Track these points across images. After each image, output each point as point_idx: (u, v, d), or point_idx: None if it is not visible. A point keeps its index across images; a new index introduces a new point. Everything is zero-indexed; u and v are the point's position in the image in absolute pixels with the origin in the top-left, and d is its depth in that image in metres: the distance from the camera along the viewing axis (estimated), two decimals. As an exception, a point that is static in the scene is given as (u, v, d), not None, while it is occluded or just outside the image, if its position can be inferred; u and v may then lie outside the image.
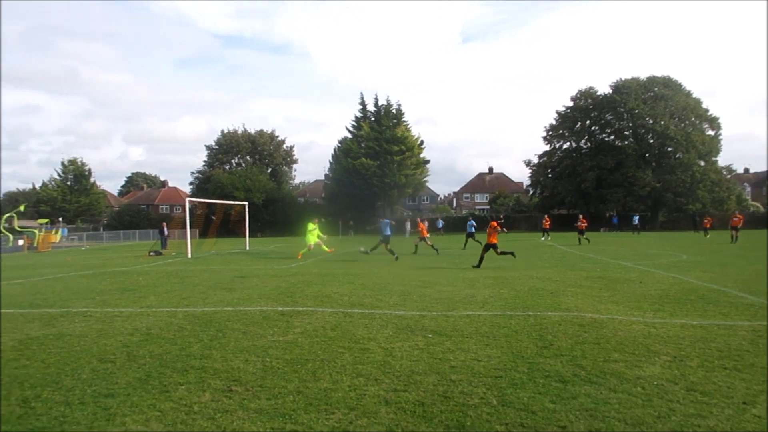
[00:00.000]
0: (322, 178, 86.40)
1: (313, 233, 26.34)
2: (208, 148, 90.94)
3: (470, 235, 31.42)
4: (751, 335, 7.45)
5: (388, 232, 23.62)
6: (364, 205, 72.74)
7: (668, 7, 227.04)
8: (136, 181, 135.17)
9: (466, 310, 9.81)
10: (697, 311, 9.41)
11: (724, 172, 66.54)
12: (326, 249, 27.59)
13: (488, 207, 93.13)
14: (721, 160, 67.12)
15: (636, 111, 64.45)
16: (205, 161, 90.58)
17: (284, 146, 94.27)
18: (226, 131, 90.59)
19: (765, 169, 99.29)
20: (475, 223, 31.83)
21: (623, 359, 6.32)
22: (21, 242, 45.53)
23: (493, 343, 7.15)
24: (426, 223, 28.51)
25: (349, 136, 74.21)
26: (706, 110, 66.01)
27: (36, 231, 46.98)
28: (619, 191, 63.65)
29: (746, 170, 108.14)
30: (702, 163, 64.33)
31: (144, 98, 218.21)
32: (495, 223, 19.08)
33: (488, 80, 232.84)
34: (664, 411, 4.66)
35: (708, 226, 41.66)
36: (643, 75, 68.73)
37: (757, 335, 7.45)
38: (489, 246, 18.76)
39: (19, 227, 48.13)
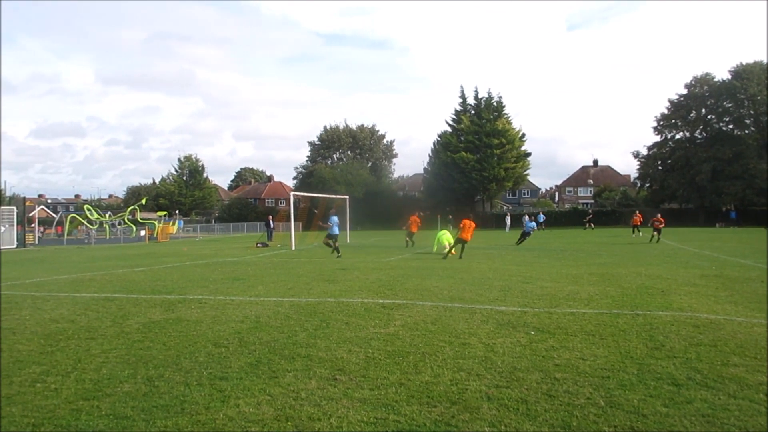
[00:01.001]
0: (421, 171, 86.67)
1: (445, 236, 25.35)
2: (310, 143, 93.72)
3: (526, 234, 30.04)
4: None
5: (336, 231, 22.97)
6: (463, 198, 72.25)
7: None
8: (244, 176, 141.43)
9: (569, 307, 9.54)
10: (828, 315, 8.65)
11: None
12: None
13: (592, 201, 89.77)
14: None
15: (758, 97, 59.88)
16: (308, 156, 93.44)
17: (384, 141, 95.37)
18: (328, 127, 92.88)
19: None
20: (534, 225, 30.11)
21: (744, 363, 5.92)
22: (143, 233, 49.04)
23: (600, 342, 6.92)
24: (422, 216, 27.18)
25: (449, 129, 73.87)
26: (838, 95, 60.27)
27: (156, 223, 50.37)
28: (738, 184, 59.45)
29: None
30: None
31: (252, 97, 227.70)
32: (468, 221, 20.64)
33: (594, 68, 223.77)
34: (790, 421, 4.34)
35: None
36: (766, 59, 63.74)
37: None
38: (459, 240, 19.92)
39: (141, 219, 51.83)
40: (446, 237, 23.75)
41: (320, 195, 49.90)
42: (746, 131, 63.21)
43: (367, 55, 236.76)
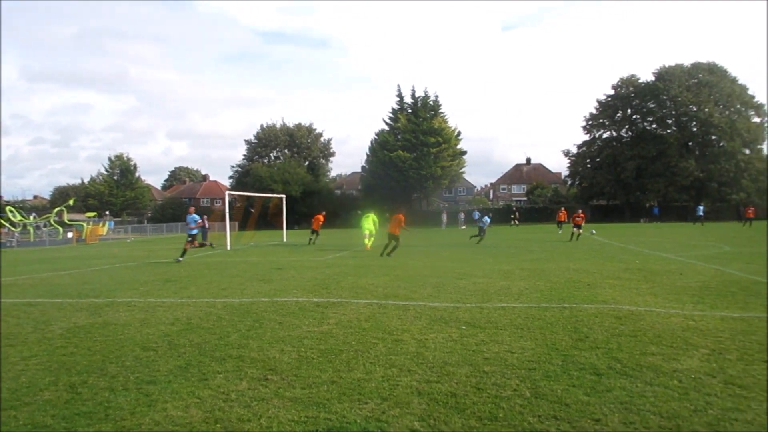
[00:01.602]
0: (359, 170, 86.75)
1: (369, 223, 26.11)
2: (247, 142, 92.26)
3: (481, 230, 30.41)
4: (795, 329, 7.26)
5: (195, 231, 23.26)
6: (400, 197, 72.77)
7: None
8: (178, 176, 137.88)
9: (500, 301, 9.78)
10: (738, 304, 9.20)
11: (771, 161, 64.45)
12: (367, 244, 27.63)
13: (525, 198, 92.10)
14: (766, 149, 65.11)
15: (679, 98, 62.87)
16: (244, 155, 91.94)
17: (321, 139, 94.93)
18: (265, 125, 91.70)
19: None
20: (489, 220, 30.40)
21: (660, 352, 6.23)
22: (70, 235, 47.01)
23: (528, 335, 7.13)
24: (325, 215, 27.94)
25: (386, 128, 74.23)
26: (752, 96, 63.99)
27: (84, 224, 48.43)
28: (661, 181, 62.26)
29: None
30: (747, 152, 62.45)
31: (187, 95, 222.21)
32: (401, 216, 20.18)
33: (527, 69, 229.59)
34: (701, 405, 4.60)
35: (751, 216, 40.38)
36: (687, 61, 66.99)
37: (802, 329, 7.25)
38: (389, 236, 19.77)
39: (69, 220, 49.69)
40: (368, 224, 25.29)
41: (256, 194, 49.24)
42: (668, 131, 66.14)
43: (307, 54, 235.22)
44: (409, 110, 73.07)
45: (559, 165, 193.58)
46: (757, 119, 64.11)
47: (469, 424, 4.32)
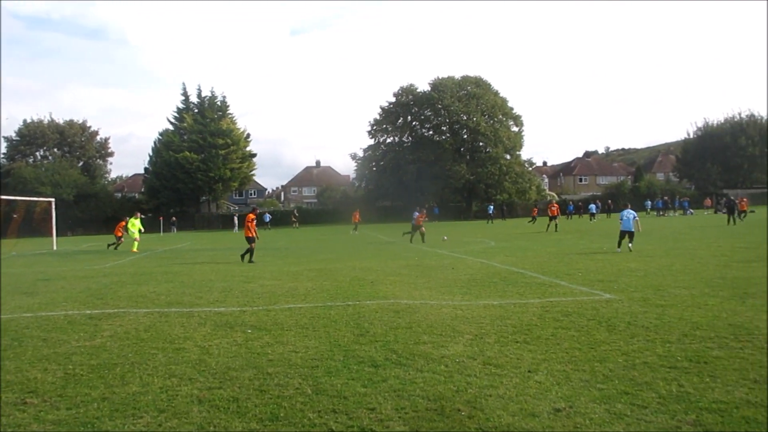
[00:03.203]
0: (142, 171, 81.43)
1: (135, 227, 25.72)
2: (7, 139, 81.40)
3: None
4: (540, 311, 8.37)
5: None
6: (187, 200, 69.85)
7: (481, 9, 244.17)
8: None
9: (287, 303, 9.88)
10: (498, 292, 10.35)
11: (526, 165, 73.29)
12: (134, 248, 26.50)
13: (315, 200, 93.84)
14: (524, 154, 74.03)
15: (452, 108, 68.52)
16: (3, 154, 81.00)
17: (98, 138, 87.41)
18: (29, 121, 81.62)
19: (561, 162, 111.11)
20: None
21: (431, 341, 6.78)
22: None
23: (312, 334, 7.30)
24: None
25: (171, 128, 70.70)
26: (511, 108, 72.14)
27: None
28: (438, 183, 67.37)
29: (545, 163, 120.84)
30: (508, 157, 70.18)
31: None
32: (250, 216, 19.61)
33: (317, 73, 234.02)
34: (462, 385, 5.10)
35: (534, 214, 45.56)
36: (458, 74, 73.31)
37: (545, 311, 8.39)
38: (249, 239, 18.82)
39: None
40: (135, 227, 25.71)
41: (19, 198, 43.71)
42: (443, 137, 71.87)
43: (80, 44, 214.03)
44: (196, 110, 70.46)
45: (348, 168, 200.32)
46: (515, 128, 72.40)
47: (250, 426, 4.32)
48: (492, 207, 57.55)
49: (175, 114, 71.28)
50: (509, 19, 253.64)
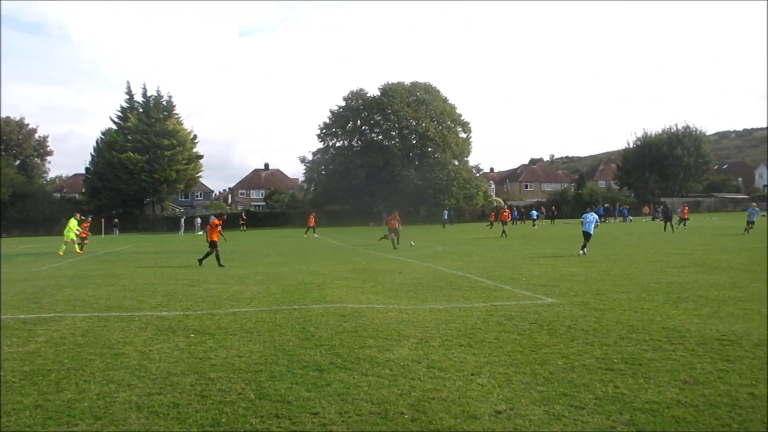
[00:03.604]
0: (83, 171, 78.88)
1: (72, 229, 24.94)
2: (-66, 135, 77.68)
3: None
4: (484, 315, 8.51)
5: None
6: (131, 201, 68.00)
7: (431, 15, 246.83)
8: None
9: (232, 307, 9.74)
10: (444, 296, 10.47)
11: (474, 171, 74.43)
12: (77, 249, 25.73)
13: (264, 203, 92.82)
14: (471, 161, 75.14)
15: (401, 113, 68.99)
16: (-69, 150, 77.20)
17: (36, 136, 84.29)
18: (-41, 117, 78.08)
19: (507, 168, 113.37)
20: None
21: (377, 345, 6.80)
22: None
23: (257, 339, 7.22)
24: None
25: (114, 127, 68.75)
26: (460, 115, 73.16)
27: None
28: (387, 188, 67.64)
29: (492, 169, 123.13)
30: (456, 163, 71.12)
31: None
32: (217, 221, 18.77)
33: (265, 75, 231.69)
34: (406, 388, 5.14)
35: (491, 219, 46.32)
36: (407, 80, 73.85)
37: (489, 315, 8.53)
38: (212, 243, 17.85)
39: None
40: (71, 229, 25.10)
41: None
42: (393, 142, 72.25)
43: (17, 38, 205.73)
44: (141, 110, 68.74)
45: (297, 171, 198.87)
46: (463, 135, 73.42)
47: (191, 432, 4.24)
48: (447, 212, 58.13)
49: (119, 113, 69.36)
50: (458, 26, 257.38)
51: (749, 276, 12.19)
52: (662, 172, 78.19)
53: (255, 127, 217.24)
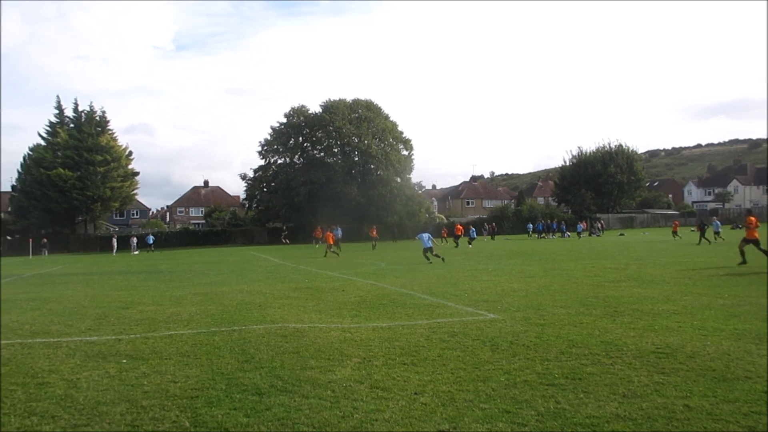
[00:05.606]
0: (9, 189, 75.34)
1: None
2: None
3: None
4: (428, 332, 8.47)
5: None
6: (61, 220, 65.33)
7: (371, 33, 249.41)
8: None
9: (168, 329, 9.38)
10: (387, 314, 10.39)
11: (416, 188, 75.10)
12: None
13: (204, 221, 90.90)
14: (413, 178, 75.81)
15: (343, 130, 69.01)
16: None
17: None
18: None
19: (449, 185, 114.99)
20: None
21: (319, 365, 6.64)
22: None
23: (194, 362, 6.94)
24: None
25: (43, 143, 66.09)
26: (401, 132, 73.84)
27: None
28: (329, 205, 67.35)
29: (434, 186, 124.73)
30: (398, 180, 71.57)
31: None
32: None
33: (206, 91, 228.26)
34: (348, 410, 5.01)
35: (444, 235, 46.75)
36: (349, 97, 74.09)
37: (432, 332, 8.49)
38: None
39: None
40: None
41: None
42: (335, 159, 72.13)
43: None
44: (72, 125, 66.39)
45: (239, 188, 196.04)
46: (405, 152, 74.05)
47: (119, 466, 3.99)
48: (395, 228, 58.40)
49: (48, 128, 66.77)
50: (399, 44, 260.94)
51: (681, 289, 12.63)
52: (597, 188, 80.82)
53: (197, 144, 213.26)
